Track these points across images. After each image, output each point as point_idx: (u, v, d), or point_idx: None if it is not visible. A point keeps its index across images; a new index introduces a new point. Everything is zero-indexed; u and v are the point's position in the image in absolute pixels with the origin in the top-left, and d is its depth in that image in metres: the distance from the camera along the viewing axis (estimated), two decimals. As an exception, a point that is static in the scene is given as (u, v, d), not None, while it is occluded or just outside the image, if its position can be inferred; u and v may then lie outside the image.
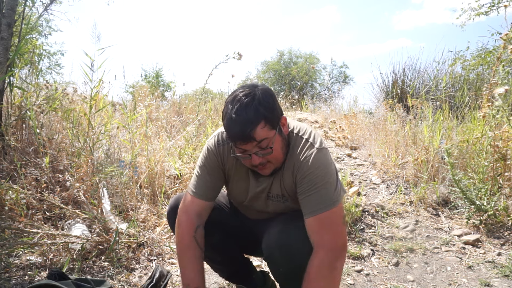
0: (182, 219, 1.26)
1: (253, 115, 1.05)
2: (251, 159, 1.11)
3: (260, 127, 1.05)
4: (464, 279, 1.88)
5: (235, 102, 1.07)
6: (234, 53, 2.99)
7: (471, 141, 2.83)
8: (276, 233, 1.18)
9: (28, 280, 1.64)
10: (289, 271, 1.18)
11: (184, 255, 1.23)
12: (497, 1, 7.73)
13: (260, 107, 1.06)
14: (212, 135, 1.30)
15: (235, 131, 1.06)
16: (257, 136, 1.05)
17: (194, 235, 1.24)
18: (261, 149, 1.09)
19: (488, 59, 6.52)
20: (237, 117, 1.04)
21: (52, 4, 3.41)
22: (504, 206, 2.39)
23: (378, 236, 2.35)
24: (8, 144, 2.45)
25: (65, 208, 2.04)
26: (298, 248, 1.13)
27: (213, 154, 1.26)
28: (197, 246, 1.24)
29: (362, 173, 3.50)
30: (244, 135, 1.05)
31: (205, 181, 1.26)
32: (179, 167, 2.86)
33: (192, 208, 1.26)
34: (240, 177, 1.28)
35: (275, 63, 17.57)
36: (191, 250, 1.23)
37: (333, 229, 1.10)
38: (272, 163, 1.15)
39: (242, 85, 1.15)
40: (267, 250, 1.21)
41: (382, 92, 5.68)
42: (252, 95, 1.07)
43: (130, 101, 5.56)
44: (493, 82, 2.68)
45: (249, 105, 1.05)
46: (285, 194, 1.25)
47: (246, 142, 1.06)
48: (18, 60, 2.76)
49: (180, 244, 1.25)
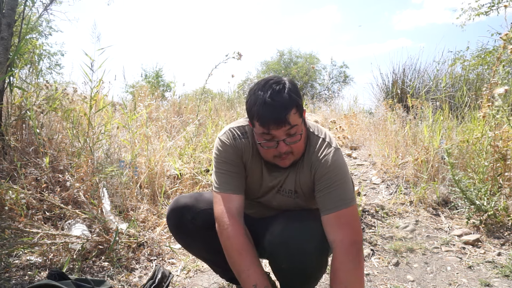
0: (227, 221, 1.18)
1: (288, 99, 1.07)
2: (277, 147, 1.12)
3: (293, 112, 1.08)
4: (464, 279, 1.87)
5: (267, 88, 1.09)
6: (234, 53, 2.99)
7: (471, 141, 2.83)
8: (280, 230, 1.18)
9: (28, 280, 1.64)
10: (291, 268, 1.18)
11: (243, 257, 1.15)
12: (497, 1, 7.73)
13: (292, 94, 1.09)
14: (223, 131, 1.28)
15: (270, 115, 1.06)
16: (291, 120, 1.07)
17: (246, 234, 1.18)
18: (290, 136, 1.10)
19: (488, 59, 6.52)
20: (272, 101, 1.06)
21: (52, 4, 3.41)
22: (504, 206, 2.39)
23: (378, 236, 2.35)
24: (8, 144, 2.45)
25: (65, 208, 2.04)
26: (301, 245, 1.13)
27: (231, 147, 1.24)
28: (253, 246, 1.19)
29: (362, 173, 3.50)
30: (280, 119, 1.06)
31: (231, 174, 1.23)
32: (179, 167, 2.86)
33: (232, 206, 1.20)
34: (254, 171, 1.27)
35: (275, 63, 17.58)
36: (250, 250, 1.16)
37: (354, 225, 1.14)
38: (293, 154, 1.16)
39: (266, 77, 1.16)
40: (270, 246, 1.21)
41: (382, 92, 5.68)
42: (282, 83, 1.10)
43: (130, 101, 5.56)
44: (493, 82, 2.68)
45: (282, 91, 1.08)
46: (298, 190, 1.25)
47: (280, 126, 1.07)
48: (18, 60, 2.76)
49: (235, 246, 1.16)
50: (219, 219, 1.20)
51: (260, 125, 1.09)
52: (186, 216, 1.33)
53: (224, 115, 4.71)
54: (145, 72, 11.26)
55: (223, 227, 1.18)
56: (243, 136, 1.25)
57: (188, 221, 1.32)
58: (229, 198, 1.21)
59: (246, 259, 1.15)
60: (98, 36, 2.47)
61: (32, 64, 3.14)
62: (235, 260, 1.16)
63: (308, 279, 1.22)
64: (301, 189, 1.25)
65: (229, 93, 6.66)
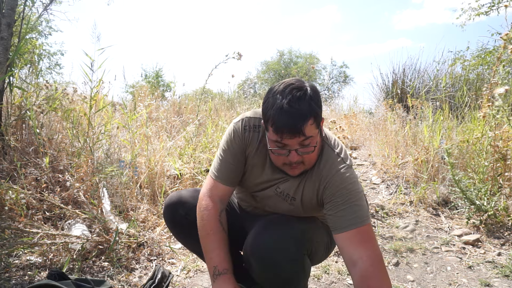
0: (205, 203, 1.23)
1: (306, 109, 1.01)
2: (288, 155, 1.07)
3: (310, 123, 1.02)
4: (464, 279, 1.87)
5: (287, 93, 1.02)
6: (234, 53, 2.99)
7: (471, 141, 2.83)
8: (253, 239, 1.16)
9: (28, 280, 1.64)
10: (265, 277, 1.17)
11: (210, 239, 1.19)
12: (497, 1, 7.73)
13: (312, 103, 1.03)
14: (239, 117, 1.26)
15: (285, 123, 1.01)
16: (306, 132, 1.02)
17: (219, 219, 1.21)
18: (303, 147, 1.05)
19: (488, 59, 6.52)
20: (289, 109, 1.00)
21: (52, 4, 3.41)
22: (504, 206, 2.39)
23: (378, 236, 2.35)
24: (8, 144, 2.45)
25: (65, 208, 2.04)
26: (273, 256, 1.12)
27: (238, 138, 1.22)
28: (223, 230, 1.20)
29: (362, 173, 3.50)
30: (295, 129, 1.00)
31: (228, 165, 1.23)
32: (179, 167, 2.86)
33: (215, 193, 1.23)
34: (256, 166, 1.25)
35: (275, 63, 17.59)
36: (218, 233, 1.19)
37: (373, 242, 1.09)
38: (304, 164, 1.12)
39: (288, 79, 1.10)
40: (244, 254, 1.20)
41: (382, 92, 5.69)
42: (304, 90, 1.03)
43: (130, 101, 5.56)
44: (493, 82, 2.68)
45: (302, 98, 1.01)
46: (297, 197, 1.22)
47: (294, 136, 1.02)
48: (18, 60, 2.76)
49: (205, 227, 1.20)
50: (200, 200, 1.24)
51: (273, 131, 1.04)
52: (179, 211, 1.33)
53: (224, 115, 4.71)
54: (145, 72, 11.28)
55: (201, 209, 1.23)
56: (255, 129, 1.21)
57: (182, 216, 1.33)
58: (217, 186, 1.24)
59: (213, 242, 1.18)
60: (98, 36, 2.47)
61: (32, 64, 3.14)
62: (203, 241, 1.20)
63: (283, 286, 1.20)
64: (301, 198, 1.21)
65: (229, 93, 6.66)
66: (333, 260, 2.05)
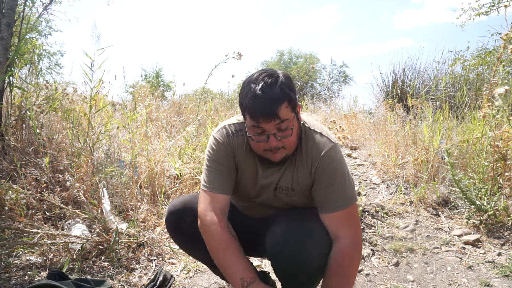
0: (210, 218, 1.19)
1: (279, 93, 1.05)
2: (267, 141, 1.10)
3: (284, 106, 1.06)
4: (464, 279, 1.87)
5: (259, 81, 1.07)
6: (234, 53, 2.99)
7: (471, 141, 2.83)
8: (280, 230, 1.18)
9: (28, 280, 1.64)
10: (292, 269, 1.18)
11: (227, 253, 1.16)
12: (497, 1, 7.73)
13: (284, 87, 1.07)
14: (217, 128, 1.28)
15: (260, 108, 1.05)
16: (281, 115, 1.06)
17: (229, 231, 1.19)
18: (280, 131, 1.09)
19: (488, 59, 6.52)
20: (263, 94, 1.04)
21: (51, 4, 3.41)
22: (504, 206, 2.39)
23: (378, 236, 2.35)
24: (8, 144, 2.45)
25: (65, 208, 2.04)
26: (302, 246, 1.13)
27: (223, 145, 1.23)
28: (235, 240, 1.19)
29: (362, 173, 3.50)
30: (270, 112, 1.04)
31: (220, 173, 1.23)
32: (179, 167, 2.86)
33: (216, 205, 1.21)
34: (248, 169, 1.26)
35: (275, 63, 17.58)
36: (233, 245, 1.17)
37: (355, 223, 1.18)
38: (285, 149, 1.14)
39: (260, 69, 1.15)
40: (270, 246, 1.20)
41: (382, 92, 5.69)
42: (275, 76, 1.08)
43: (130, 101, 5.56)
44: (493, 82, 2.68)
45: (274, 84, 1.06)
46: (295, 187, 1.24)
47: (270, 120, 1.06)
48: (18, 60, 2.76)
49: (218, 243, 1.17)
50: (202, 217, 1.21)
51: (250, 117, 1.09)
52: (186, 219, 1.31)
53: (224, 115, 4.71)
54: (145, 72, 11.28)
55: (206, 225, 1.19)
56: (238, 133, 1.24)
57: (188, 224, 1.30)
58: (215, 197, 1.22)
59: (231, 255, 1.16)
60: (98, 36, 2.47)
61: (32, 64, 3.14)
62: (219, 257, 1.18)
63: (309, 279, 1.22)
64: (299, 186, 1.24)
65: (229, 93, 6.66)
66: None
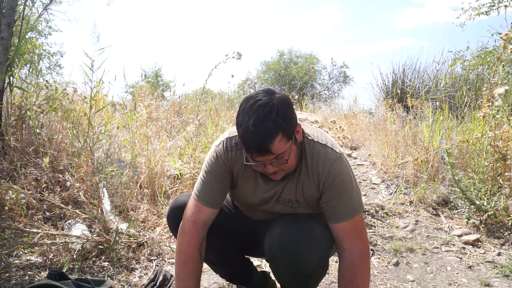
0: (188, 228, 1.22)
1: (271, 127, 1.00)
2: (265, 167, 1.10)
3: (277, 140, 1.02)
4: (464, 279, 1.88)
5: (252, 112, 1.02)
6: (234, 53, 2.99)
7: (471, 141, 2.83)
8: (279, 233, 1.18)
9: (28, 280, 1.64)
10: (292, 272, 1.18)
11: (186, 267, 1.20)
12: (498, 1, 7.72)
13: (279, 119, 1.01)
14: (219, 139, 1.27)
15: (252, 143, 1.02)
16: (274, 150, 1.03)
17: (199, 248, 1.21)
18: (277, 160, 1.07)
19: (488, 59, 6.51)
20: (254, 129, 1.00)
21: (51, 4, 3.42)
22: (504, 206, 2.39)
23: (378, 236, 2.35)
24: (8, 144, 2.45)
25: (65, 208, 2.05)
26: (301, 249, 1.13)
27: (221, 160, 1.22)
28: (200, 260, 1.22)
29: (362, 173, 3.49)
30: (262, 148, 1.02)
31: (213, 187, 1.23)
32: (179, 167, 2.86)
33: (199, 217, 1.22)
34: (248, 181, 1.26)
35: (275, 63, 17.57)
36: (195, 263, 1.20)
37: (363, 233, 1.19)
38: (284, 170, 1.14)
39: (258, 91, 1.10)
40: (270, 250, 1.20)
41: (382, 92, 5.69)
42: (270, 106, 1.02)
43: (130, 101, 5.56)
44: (493, 82, 2.68)
45: (267, 117, 1.00)
46: (300, 199, 1.23)
47: (263, 155, 1.04)
48: (18, 60, 2.76)
49: (183, 254, 1.21)
50: (184, 222, 1.24)
51: (244, 149, 1.09)
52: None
53: (224, 115, 4.71)
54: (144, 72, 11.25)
55: (183, 232, 1.23)
56: (238, 147, 1.22)
57: None
58: (201, 209, 1.23)
59: (189, 271, 1.20)
60: (98, 36, 2.47)
61: (32, 64, 3.14)
62: (179, 266, 1.21)
63: (308, 281, 1.22)
64: (304, 198, 1.22)
65: (229, 93, 6.66)
66: (333, 260, 2.05)
